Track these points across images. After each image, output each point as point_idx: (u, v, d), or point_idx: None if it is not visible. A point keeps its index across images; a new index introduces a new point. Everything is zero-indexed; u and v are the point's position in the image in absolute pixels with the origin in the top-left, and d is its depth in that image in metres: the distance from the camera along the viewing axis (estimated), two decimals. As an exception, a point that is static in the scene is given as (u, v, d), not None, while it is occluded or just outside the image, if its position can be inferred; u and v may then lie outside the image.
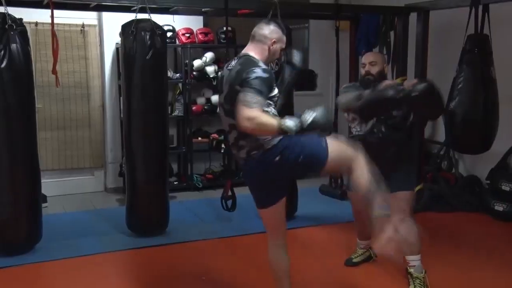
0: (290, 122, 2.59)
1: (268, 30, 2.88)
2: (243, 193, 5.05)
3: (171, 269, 3.89)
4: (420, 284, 3.33)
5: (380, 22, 5.58)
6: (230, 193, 4.56)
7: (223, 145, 5.91)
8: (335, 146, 2.81)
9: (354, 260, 3.88)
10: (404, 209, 3.30)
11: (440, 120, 4.38)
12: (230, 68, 2.81)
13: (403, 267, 3.41)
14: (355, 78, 5.96)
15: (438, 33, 5.35)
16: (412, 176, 3.58)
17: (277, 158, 2.72)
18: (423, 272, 3.36)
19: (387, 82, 3.49)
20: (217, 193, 4.88)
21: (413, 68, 5.20)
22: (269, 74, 2.71)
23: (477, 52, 4.27)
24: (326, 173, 3.12)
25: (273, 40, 2.87)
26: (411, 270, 3.36)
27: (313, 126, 2.63)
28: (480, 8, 4.34)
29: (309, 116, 2.62)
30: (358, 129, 3.49)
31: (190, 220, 5.09)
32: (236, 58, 2.91)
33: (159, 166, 4.55)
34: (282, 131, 2.61)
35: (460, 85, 4.23)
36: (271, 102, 2.79)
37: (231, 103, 2.71)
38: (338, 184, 5.70)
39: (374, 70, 3.40)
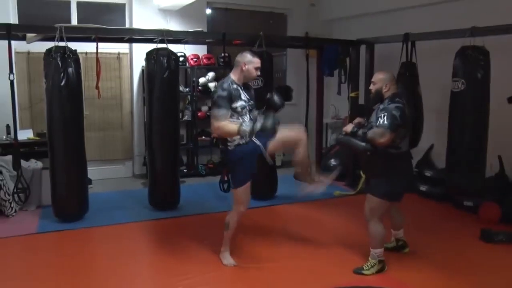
0: (245, 127, 2.81)
1: (240, 57, 3.02)
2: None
3: (182, 234, 3.93)
4: (369, 266, 3.17)
5: (339, 51, 5.65)
6: (226, 178, 4.52)
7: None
8: (281, 133, 2.99)
9: (388, 246, 3.45)
10: (369, 208, 3.10)
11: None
12: None
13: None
14: (320, 93, 6.02)
15: (381, 60, 5.43)
16: (380, 185, 3.09)
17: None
18: (376, 260, 3.14)
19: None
20: (216, 179, 4.84)
21: (363, 85, 5.18)
22: (227, 91, 2.86)
23: (408, 74, 4.47)
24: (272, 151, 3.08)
25: (244, 62, 2.97)
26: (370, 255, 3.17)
27: (262, 130, 2.85)
28: (410, 43, 4.56)
29: (259, 124, 2.84)
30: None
31: (195, 198, 5.07)
32: None
33: (173, 158, 4.57)
34: (241, 133, 2.84)
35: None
36: (240, 111, 2.93)
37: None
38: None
39: (373, 88, 3.14)
